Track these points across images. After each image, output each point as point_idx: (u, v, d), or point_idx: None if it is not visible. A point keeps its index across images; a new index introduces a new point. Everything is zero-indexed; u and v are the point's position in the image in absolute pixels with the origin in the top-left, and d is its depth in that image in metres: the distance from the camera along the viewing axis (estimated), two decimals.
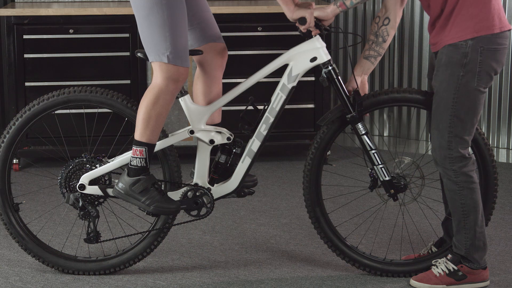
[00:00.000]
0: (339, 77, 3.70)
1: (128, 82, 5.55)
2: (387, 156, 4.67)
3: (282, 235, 4.37)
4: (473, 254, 3.67)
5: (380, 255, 4.01)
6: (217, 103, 3.74)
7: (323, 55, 3.67)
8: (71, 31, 5.46)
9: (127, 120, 3.85)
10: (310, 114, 5.70)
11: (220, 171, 3.78)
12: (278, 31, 5.57)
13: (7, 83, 5.46)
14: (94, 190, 3.75)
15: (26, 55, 5.45)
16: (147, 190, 3.64)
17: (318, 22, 3.63)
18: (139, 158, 3.61)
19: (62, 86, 5.16)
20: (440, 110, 3.58)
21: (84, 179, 3.74)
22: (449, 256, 3.72)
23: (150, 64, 5.47)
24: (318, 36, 3.67)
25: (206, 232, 4.41)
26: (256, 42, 5.60)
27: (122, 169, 3.77)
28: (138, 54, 3.68)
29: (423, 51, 6.29)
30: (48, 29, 5.45)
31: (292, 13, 3.60)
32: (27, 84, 5.48)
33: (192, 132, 3.73)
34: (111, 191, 3.73)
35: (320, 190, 3.81)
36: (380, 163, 3.72)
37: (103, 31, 5.50)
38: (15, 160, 5.55)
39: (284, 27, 5.50)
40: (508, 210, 4.78)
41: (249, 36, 5.60)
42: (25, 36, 5.42)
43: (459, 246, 3.68)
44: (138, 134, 3.60)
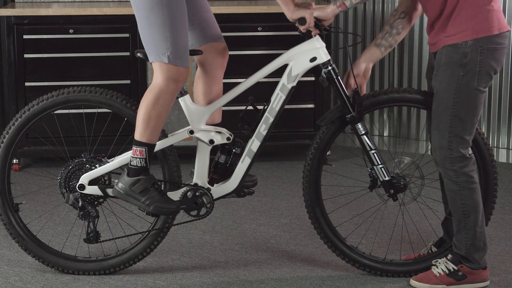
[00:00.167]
0: (339, 77, 3.69)
1: (128, 82, 5.55)
2: (386, 156, 4.67)
3: (282, 235, 4.37)
4: (473, 254, 3.67)
5: (380, 255, 4.01)
6: (217, 103, 3.74)
7: (323, 55, 3.67)
8: (71, 31, 5.46)
9: (126, 120, 3.84)
10: (310, 114, 5.70)
11: (220, 171, 3.77)
12: (278, 31, 5.57)
13: (7, 83, 5.46)
14: (93, 190, 3.74)
15: (26, 55, 5.44)
16: (147, 190, 3.63)
17: (318, 22, 3.63)
18: (139, 158, 3.61)
19: (62, 86, 5.15)
20: (440, 110, 3.58)
21: (84, 179, 3.74)
22: (449, 256, 3.72)
23: (150, 64, 5.47)
24: (318, 36, 3.67)
25: (206, 232, 4.41)
26: (256, 42, 5.60)
27: (122, 169, 3.77)
28: (138, 54, 3.68)
29: (423, 51, 6.29)
30: (48, 29, 5.45)
31: (292, 13, 3.59)
32: (27, 84, 5.47)
33: (191, 132, 3.73)
34: (111, 191, 3.73)
35: (319, 190, 3.81)
36: (379, 163, 3.72)
37: (103, 31, 5.50)
38: (15, 160, 5.55)
39: (284, 27, 5.50)
40: (508, 210, 4.78)
41: (249, 36, 5.59)
42: (25, 36, 5.42)
43: (459, 246, 3.68)
44: (138, 134, 3.60)
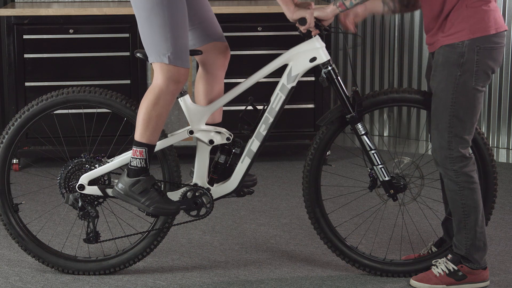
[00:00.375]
0: (339, 77, 3.69)
1: (128, 82, 5.55)
2: (386, 156, 4.67)
3: (282, 235, 4.37)
4: (473, 254, 3.67)
5: (380, 255, 4.01)
6: (216, 103, 3.74)
7: (323, 55, 3.67)
8: (71, 31, 5.45)
9: (126, 120, 3.84)
10: (310, 114, 5.70)
11: (220, 171, 3.77)
12: (278, 31, 5.57)
13: (7, 83, 5.46)
14: (93, 190, 3.74)
15: (26, 55, 5.44)
16: (147, 191, 3.63)
17: (318, 22, 3.63)
18: (139, 159, 3.61)
19: (62, 86, 5.15)
20: (439, 110, 3.58)
21: (84, 179, 3.74)
22: (449, 256, 3.72)
23: (150, 64, 5.47)
24: (317, 36, 3.67)
25: (206, 232, 4.41)
26: (256, 42, 5.60)
27: (121, 169, 3.77)
28: (138, 55, 3.68)
29: (423, 51, 6.28)
30: (48, 29, 5.45)
31: (292, 13, 3.59)
32: (27, 84, 5.47)
33: (191, 132, 3.73)
34: (111, 192, 3.73)
35: (319, 190, 3.81)
36: (379, 163, 3.72)
37: (103, 31, 5.50)
38: (15, 160, 5.55)
39: (284, 27, 5.49)
40: (508, 210, 4.78)
41: (249, 36, 5.59)
42: (25, 36, 5.42)
43: (459, 246, 3.68)
44: (138, 135, 3.60)
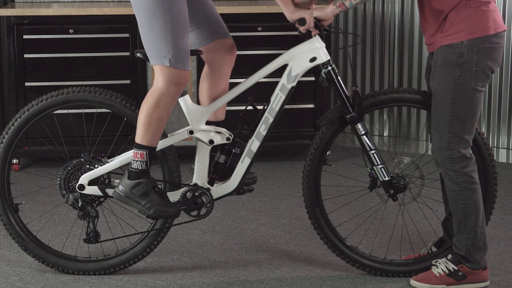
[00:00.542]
0: (339, 77, 3.69)
1: (128, 82, 5.55)
2: (386, 156, 4.67)
3: (282, 235, 4.37)
4: (473, 255, 3.67)
5: (380, 255, 4.01)
6: (216, 102, 3.74)
7: (323, 55, 3.67)
8: (71, 31, 5.46)
9: (126, 120, 3.84)
10: (310, 114, 5.70)
11: (220, 171, 3.77)
12: (278, 31, 5.57)
13: (7, 83, 5.46)
14: (93, 190, 3.74)
15: (26, 55, 5.44)
16: (147, 193, 3.63)
17: (318, 22, 3.63)
18: (140, 161, 3.61)
19: (62, 86, 5.15)
20: (439, 110, 3.58)
21: (84, 179, 3.74)
22: (449, 256, 3.72)
23: (150, 64, 5.46)
24: (317, 36, 3.66)
25: (206, 232, 4.41)
26: (256, 42, 5.60)
27: (121, 169, 3.77)
28: (138, 55, 3.68)
29: (423, 51, 6.28)
30: (48, 29, 5.45)
31: (291, 14, 3.59)
32: (27, 84, 5.47)
33: (191, 132, 3.73)
34: (112, 192, 3.72)
35: (319, 190, 3.81)
36: (379, 163, 3.72)
37: (103, 31, 5.50)
38: (15, 160, 5.55)
39: (284, 27, 5.49)
40: (508, 210, 4.78)
41: (249, 36, 5.59)
42: (25, 36, 5.42)
43: (459, 246, 3.68)
44: (139, 137, 3.60)
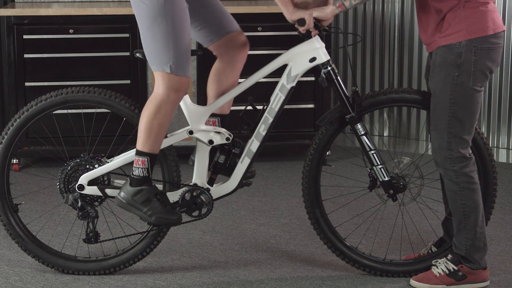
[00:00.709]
0: (339, 77, 3.69)
1: (128, 82, 5.55)
2: (386, 156, 4.67)
3: (282, 235, 4.37)
4: (473, 255, 3.67)
5: (380, 255, 4.01)
6: (216, 103, 3.74)
7: (322, 56, 3.67)
8: (71, 31, 5.46)
9: (125, 120, 3.84)
10: (310, 114, 5.70)
11: (219, 171, 3.77)
12: (278, 31, 5.57)
13: (7, 83, 5.46)
14: (93, 190, 3.74)
15: (26, 55, 5.44)
16: (149, 200, 3.63)
17: (317, 22, 3.62)
18: (141, 168, 3.61)
19: (62, 86, 5.14)
20: (438, 111, 3.58)
21: (83, 179, 3.74)
22: (449, 256, 3.72)
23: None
24: (317, 36, 3.66)
25: (206, 232, 4.41)
26: (256, 42, 5.59)
27: (121, 169, 3.77)
28: (137, 55, 3.68)
29: (423, 51, 6.28)
30: (48, 29, 5.45)
31: (291, 14, 3.59)
32: (27, 84, 5.47)
33: (191, 132, 3.73)
34: (110, 192, 3.72)
35: (319, 190, 3.80)
36: (379, 163, 3.72)
37: (103, 31, 5.50)
38: (15, 160, 5.55)
39: (284, 27, 5.49)
40: (508, 210, 4.77)
41: (249, 36, 5.51)
42: (25, 36, 5.42)
43: (459, 247, 3.68)
44: (140, 144, 3.60)
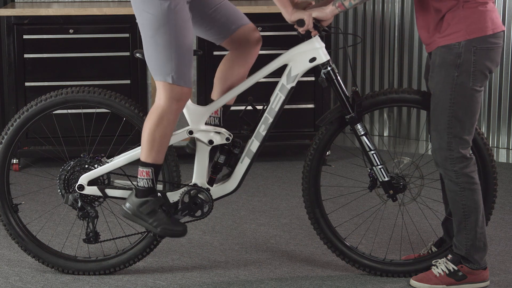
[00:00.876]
0: (338, 77, 3.69)
1: (128, 82, 5.55)
2: (386, 156, 4.67)
3: (282, 235, 4.37)
4: (473, 255, 3.67)
5: (380, 255, 4.01)
6: (216, 103, 3.73)
7: (322, 56, 3.67)
8: (71, 31, 5.46)
9: (125, 120, 3.84)
10: (310, 114, 5.70)
11: (219, 171, 3.77)
12: (278, 31, 5.57)
13: (7, 83, 5.46)
14: (93, 190, 3.74)
15: (26, 55, 5.44)
16: (154, 211, 3.64)
17: (317, 23, 3.62)
18: (146, 179, 3.61)
19: (62, 86, 5.14)
20: (438, 111, 3.58)
21: (83, 179, 3.74)
22: (449, 256, 3.72)
23: None
24: (317, 36, 3.66)
25: (206, 232, 4.41)
26: None
27: (121, 169, 3.77)
28: (137, 55, 3.68)
29: (423, 51, 6.28)
30: (48, 29, 5.45)
31: (290, 15, 3.58)
32: (27, 84, 5.47)
33: (191, 132, 3.73)
34: (110, 192, 3.72)
35: (319, 191, 3.80)
36: (379, 163, 3.72)
37: (103, 31, 5.50)
38: (15, 160, 5.55)
39: (284, 27, 5.47)
40: (508, 210, 4.77)
41: None
42: (25, 36, 5.42)
43: (459, 247, 3.68)
44: (143, 156, 3.60)
